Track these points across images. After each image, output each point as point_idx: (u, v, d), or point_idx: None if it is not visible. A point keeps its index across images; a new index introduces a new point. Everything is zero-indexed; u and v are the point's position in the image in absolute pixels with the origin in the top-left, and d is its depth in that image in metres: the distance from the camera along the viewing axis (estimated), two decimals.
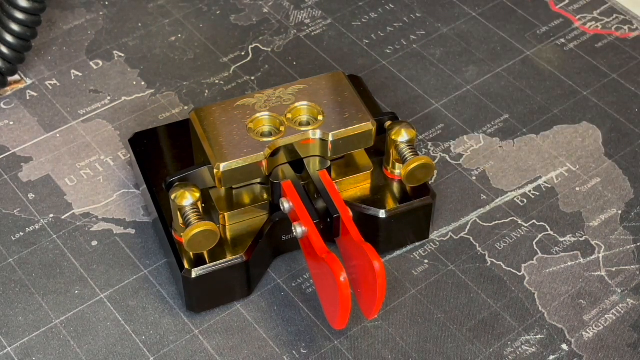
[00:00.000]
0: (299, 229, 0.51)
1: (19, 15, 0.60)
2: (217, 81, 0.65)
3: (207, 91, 0.64)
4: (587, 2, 0.71)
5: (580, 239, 0.56)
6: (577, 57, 0.67)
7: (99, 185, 0.59)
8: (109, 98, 0.64)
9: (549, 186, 0.59)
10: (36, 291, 0.54)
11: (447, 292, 0.54)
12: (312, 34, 0.68)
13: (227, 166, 0.50)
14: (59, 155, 0.61)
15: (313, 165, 0.53)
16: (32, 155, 0.61)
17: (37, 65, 0.66)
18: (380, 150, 0.56)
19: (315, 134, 0.52)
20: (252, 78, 0.65)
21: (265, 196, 0.54)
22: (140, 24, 0.69)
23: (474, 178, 0.60)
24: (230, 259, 0.51)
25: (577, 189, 0.59)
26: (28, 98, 0.64)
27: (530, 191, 0.59)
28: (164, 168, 0.56)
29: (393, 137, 0.53)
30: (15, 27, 0.60)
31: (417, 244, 0.56)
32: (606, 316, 0.53)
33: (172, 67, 0.66)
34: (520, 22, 0.69)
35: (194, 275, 0.51)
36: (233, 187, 0.53)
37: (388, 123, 0.54)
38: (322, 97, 0.54)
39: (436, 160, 0.61)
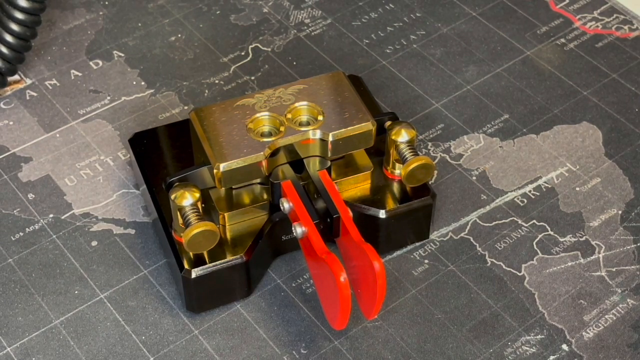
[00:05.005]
0: (298, 229, 0.51)
1: (19, 15, 0.60)
2: (217, 81, 0.65)
3: (207, 91, 0.64)
4: (587, 2, 0.70)
5: (581, 239, 0.56)
6: (577, 57, 0.67)
7: (98, 185, 0.59)
8: (108, 98, 0.64)
9: (549, 186, 0.59)
10: (36, 291, 0.54)
11: (447, 292, 0.54)
12: (312, 34, 0.68)
13: (227, 166, 0.50)
14: (59, 155, 0.61)
15: (313, 165, 0.53)
16: (32, 155, 0.61)
17: (37, 65, 0.66)
18: (380, 150, 0.56)
19: (315, 134, 0.52)
20: (252, 78, 0.65)
21: (265, 196, 0.53)
22: (140, 24, 0.69)
23: (474, 178, 0.60)
24: (230, 259, 0.51)
25: (577, 189, 0.59)
26: (28, 98, 0.64)
27: (530, 191, 0.59)
28: (163, 168, 0.56)
29: (393, 137, 0.53)
30: (15, 27, 0.60)
31: (417, 244, 0.56)
32: (606, 316, 0.53)
33: (172, 67, 0.66)
34: (520, 22, 0.69)
35: (193, 275, 0.51)
36: (233, 187, 0.53)
37: (388, 123, 0.54)
38: (322, 97, 0.54)
39: (436, 160, 0.61)
